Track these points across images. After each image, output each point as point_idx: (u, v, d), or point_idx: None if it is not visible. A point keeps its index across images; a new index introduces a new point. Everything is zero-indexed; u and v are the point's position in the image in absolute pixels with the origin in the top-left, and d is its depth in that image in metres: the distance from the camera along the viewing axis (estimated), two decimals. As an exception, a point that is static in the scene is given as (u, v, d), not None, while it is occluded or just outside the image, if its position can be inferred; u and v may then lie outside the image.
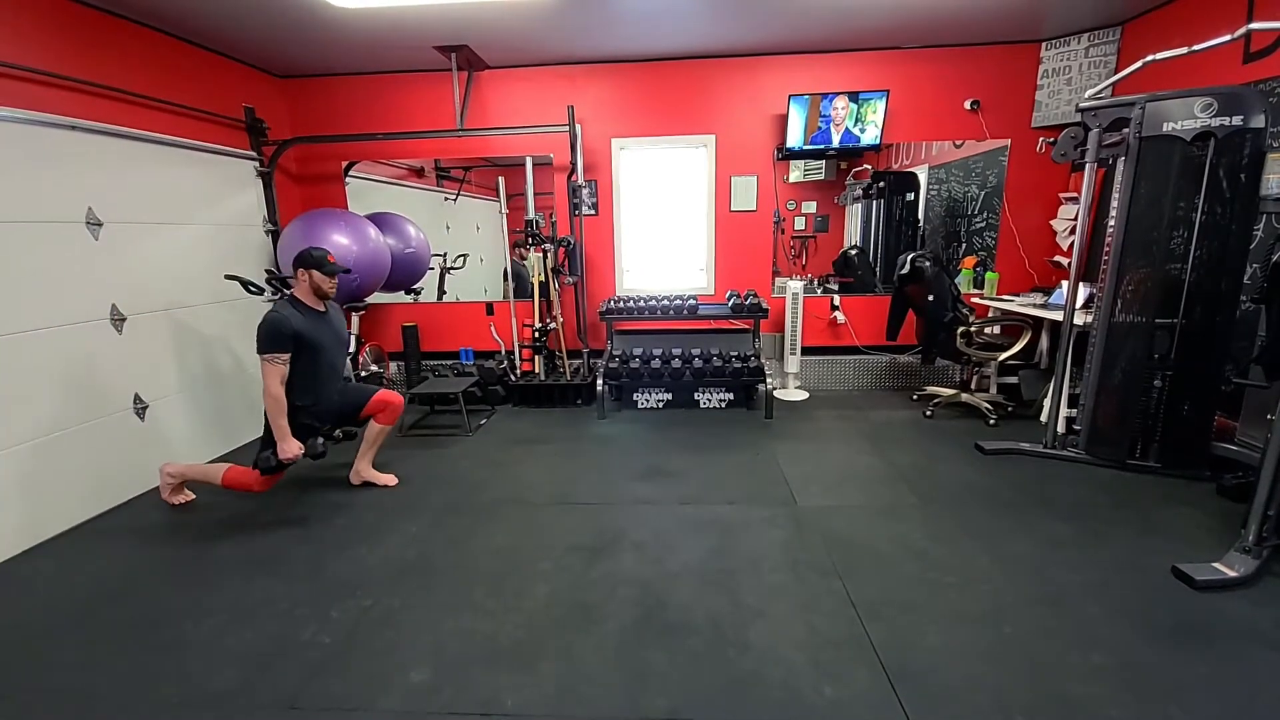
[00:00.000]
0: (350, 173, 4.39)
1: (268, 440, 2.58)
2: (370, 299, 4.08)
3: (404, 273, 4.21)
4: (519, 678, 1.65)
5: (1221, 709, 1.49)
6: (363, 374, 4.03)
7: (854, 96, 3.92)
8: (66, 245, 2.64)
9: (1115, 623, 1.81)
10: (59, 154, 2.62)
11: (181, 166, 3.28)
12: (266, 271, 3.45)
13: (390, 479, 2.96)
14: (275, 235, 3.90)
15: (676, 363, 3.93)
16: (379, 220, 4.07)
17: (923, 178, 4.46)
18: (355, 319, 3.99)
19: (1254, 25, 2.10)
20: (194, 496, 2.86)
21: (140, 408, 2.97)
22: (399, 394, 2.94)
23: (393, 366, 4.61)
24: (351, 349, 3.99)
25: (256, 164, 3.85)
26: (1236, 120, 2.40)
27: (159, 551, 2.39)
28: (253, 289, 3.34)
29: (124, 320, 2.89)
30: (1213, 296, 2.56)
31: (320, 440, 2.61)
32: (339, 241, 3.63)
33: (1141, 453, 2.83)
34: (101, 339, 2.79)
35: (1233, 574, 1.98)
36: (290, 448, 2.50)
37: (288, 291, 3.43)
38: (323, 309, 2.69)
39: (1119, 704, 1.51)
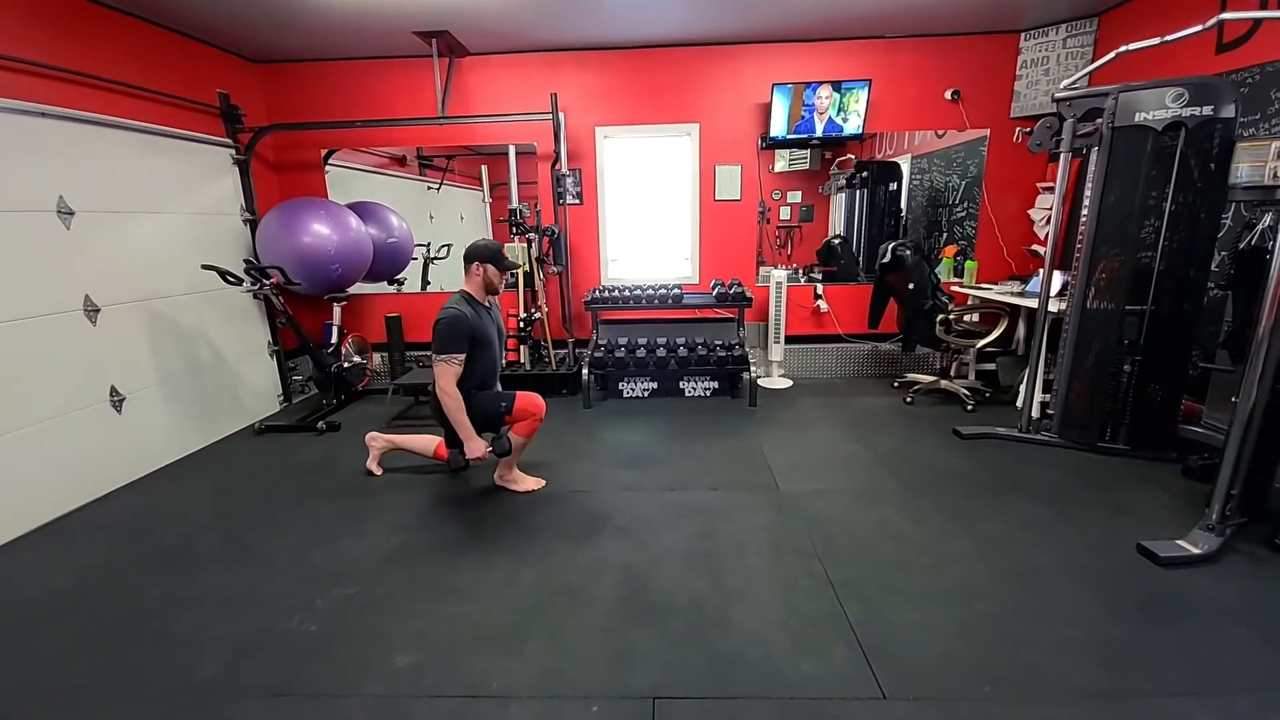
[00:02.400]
0: (330, 161, 4.33)
1: (454, 438, 2.49)
2: (352, 289, 4.03)
3: (386, 263, 4.17)
4: (505, 661, 1.67)
5: (1185, 679, 1.55)
6: (345, 365, 3.99)
7: (837, 86, 3.94)
8: (37, 235, 2.58)
9: (1084, 598, 1.88)
10: (28, 142, 2.55)
11: (155, 154, 3.21)
12: (245, 261, 3.40)
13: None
14: (253, 224, 3.83)
15: (661, 352, 3.95)
16: (360, 210, 4.03)
17: (905, 167, 4.50)
18: (337, 310, 3.95)
19: (1225, 15, 2.14)
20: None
21: (117, 400, 2.92)
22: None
23: (376, 358, 4.58)
24: (334, 340, 3.96)
25: (232, 151, 3.77)
26: (1207, 110, 2.45)
27: (140, 544, 2.37)
28: (231, 279, 3.29)
29: (98, 311, 2.84)
30: (1181, 283, 2.63)
31: (505, 437, 2.52)
32: (319, 231, 3.59)
33: (1111, 435, 2.92)
34: (75, 331, 2.74)
35: (1196, 551, 2.05)
36: (477, 447, 2.41)
37: (267, 282, 3.41)
38: (487, 304, 2.61)
39: (1086, 674, 1.57)
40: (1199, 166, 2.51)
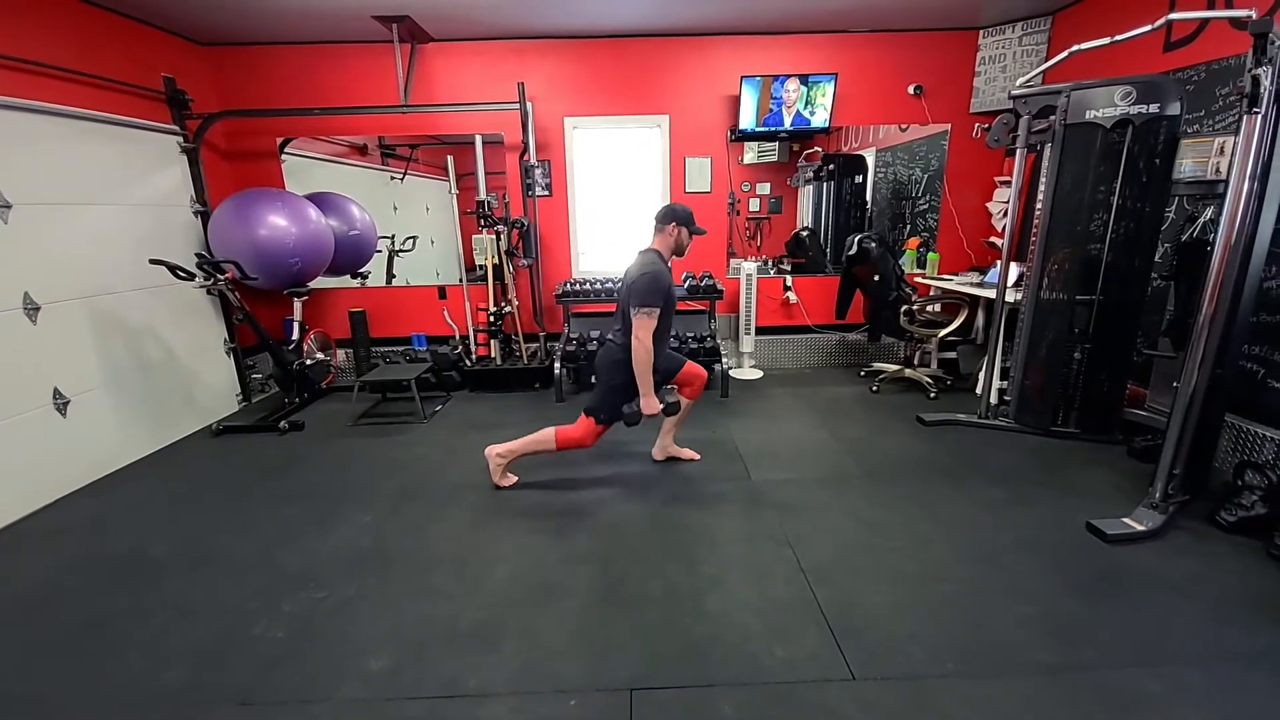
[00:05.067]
0: (286, 150, 4.16)
1: (628, 392, 2.47)
2: (314, 284, 3.91)
3: (349, 256, 4.05)
4: (481, 658, 1.66)
5: (1132, 650, 1.65)
6: (307, 362, 3.88)
7: (804, 79, 3.98)
8: (-34, 228, 2.42)
9: (1039, 576, 1.97)
10: (-49, 126, 2.39)
11: (96, 142, 3.04)
12: (197, 255, 3.25)
13: (694, 454, 2.91)
14: (205, 216, 3.67)
15: (634, 344, 3.95)
16: (319, 200, 3.90)
17: (870, 161, 4.59)
18: (298, 305, 3.82)
19: (1173, 16, 2.23)
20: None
21: (61, 403, 2.77)
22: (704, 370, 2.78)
23: (340, 354, 4.45)
24: (295, 336, 3.83)
25: (180, 139, 3.59)
26: (1153, 108, 2.57)
27: (94, 551, 2.27)
28: (182, 274, 3.15)
29: (38, 310, 2.68)
30: (1127, 274, 2.77)
31: (674, 398, 2.54)
32: (276, 223, 3.46)
33: (1063, 420, 3.06)
34: (14, 330, 2.58)
35: (1142, 528, 2.18)
36: (654, 403, 2.42)
37: (222, 277, 3.27)
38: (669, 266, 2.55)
39: (1043, 649, 1.65)
40: (1145, 162, 2.63)
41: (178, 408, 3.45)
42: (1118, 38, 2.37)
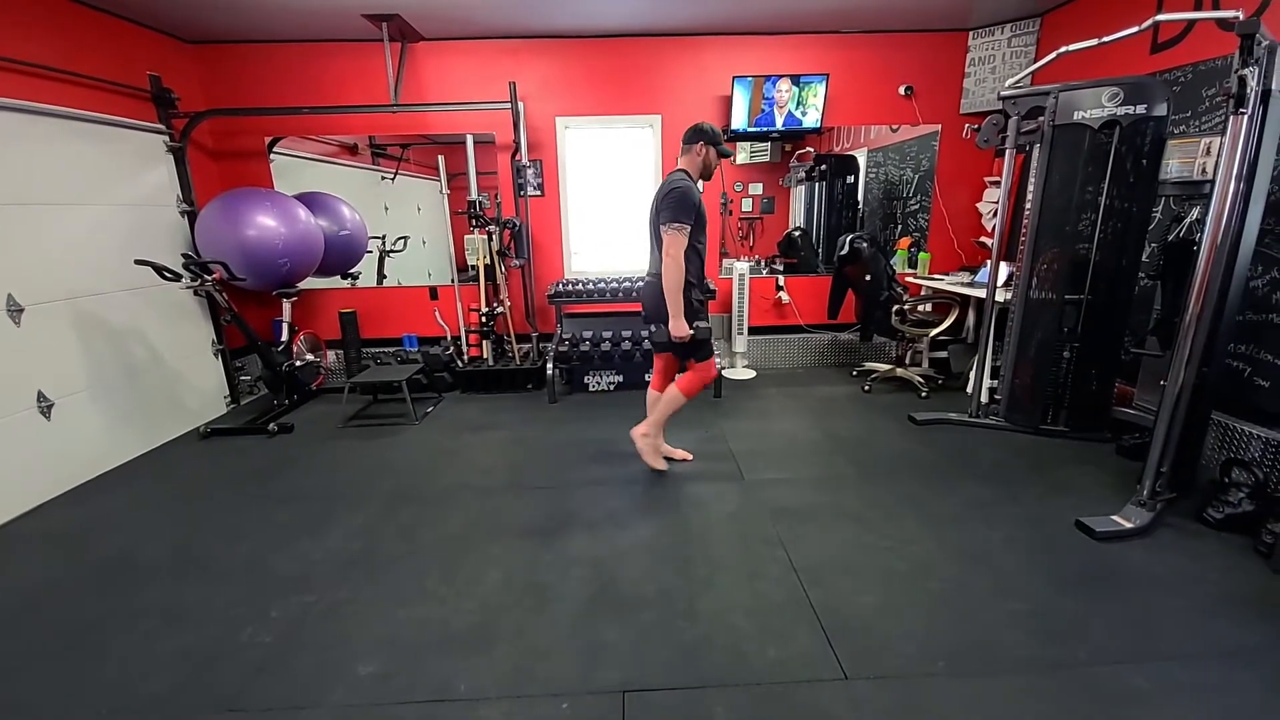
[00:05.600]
0: (275, 149, 4.12)
1: (655, 317, 2.46)
2: (303, 284, 3.87)
3: (339, 256, 4.02)
4: (473, 662, 1.65)
5: (1121, 647, 1.66)
6: (297, 363, 3.84)
7: (796, 79, 3.98)
8: (-55, 228, 2.38)
9: (1029, 574, 1.98)
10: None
11: (81, 141, 2.99)
12: (184, 256, 3.21)
13: (686, 454, 2.92)
14: (192, 216, 3.62)
15: (626, 345, 3.95)
16: (309, 200, 3.86)
17: (862, 161, 4.61)
18: (287, 306, 3.79)
19: (1160, 17, 2.25)
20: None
21: (45, 406, 2.73)
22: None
23: (330, 355, 4.42)
24: (284, 337, 3.80)
25: (166, 138, 3.55)
26: (1140, 109, 2.59)
27: (79, 556, 2.23)
28: (168, 275, 3.11)
29: (21, 311, 2.64)
30: (1115, 274, 2.79)
31: (707, 323, 2.48)
32: (264, 223, 3.42)
33: (1052, 418, 3.08)
34: (-5, 332, 2.55)
35: (1130, 525, 2.20)
36: (682, 327, 2.37)
37: (209, 278, 3.24)
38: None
39: (1031, 646, 1.66)
40: (1132, 162, 2.66)
41: (165, 410, 3.41)
42: (1105, 39, 2.39)
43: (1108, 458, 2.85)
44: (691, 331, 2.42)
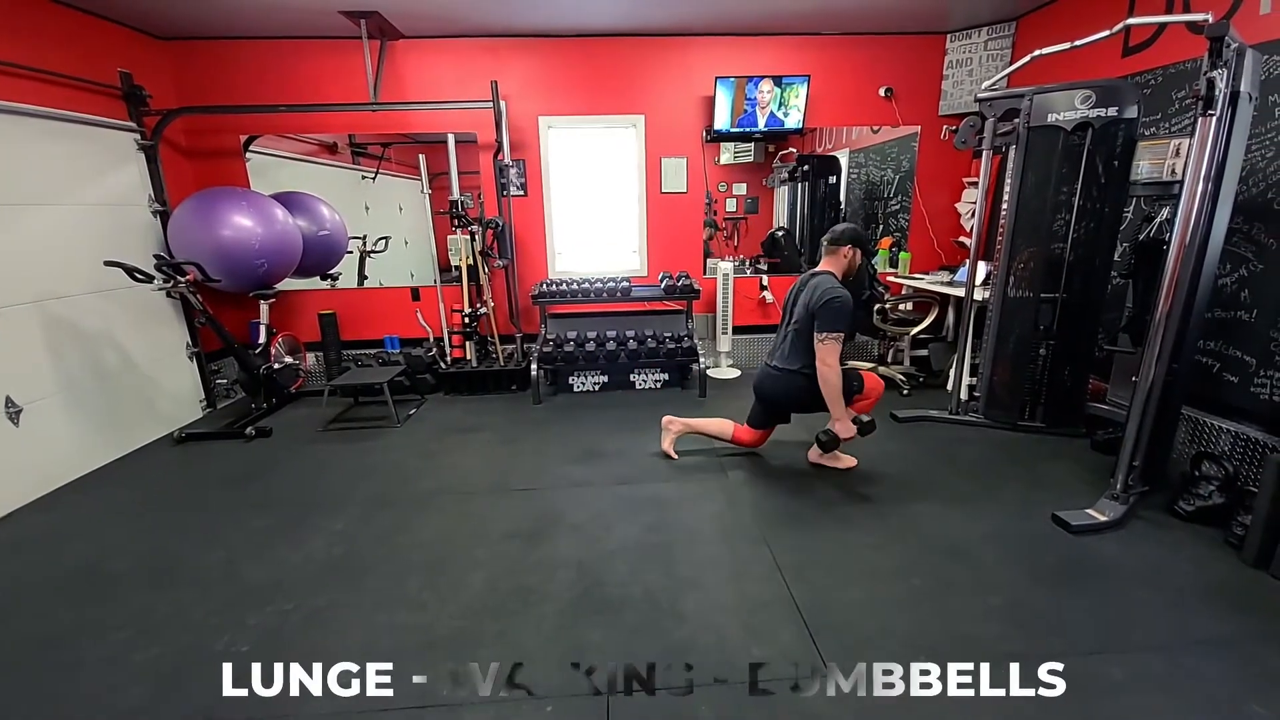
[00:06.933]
0: (251, 148, 4.04)
1: (806, 405, 2.61)
2: (281, 285, 3.80)
3: (318, 257, 3.96)
4: (455, 667, 1.63)
5: (1097, 638, 1.69)
6: (275, 366, 3.77)
7: (778, 80, 4.01)
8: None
9: (1008, 568, 2.02)
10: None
11: (48, 139, 2.91)
12: (156, 257, 3.13)
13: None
14: (164, 216, 3.54)
15: (611, 345, 3.94)
16: (287, 200, 3.79)
17: (844, 161, 4.65)
18: (264, 308, 3.72)
19: (1131, 21, 2.29)
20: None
21: (13, 412, 2.65)
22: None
23: (310, 357, 4.34)
24: (262, 339, 3.73)
25: (137, 136, 3.46)
26: (1112, 111, 2.64)
27: (49, 566, 2.17)
28: (139, 276, 3.04)
29: (-17, 314, 2.56)
30: (1089, 273, 2.85)
31: (867, 417, 2.57)
32: (240, 223, 3.36)
33: (1030, 414, 3.14)
34: (-44, 335, 2.46)
35: (1104, 519, 2.24)
36: (850, 429, 2.49)
37: (182, 279, 3.16)
38: None
39: (1010, 639, 1.69)
40: (1104, 164, 2.71)
41: (138, 415, 3.32)
42: (1078, 43, 2.44)
43: (1083, 452, 2.91)
44: (857, 429, 2.52)
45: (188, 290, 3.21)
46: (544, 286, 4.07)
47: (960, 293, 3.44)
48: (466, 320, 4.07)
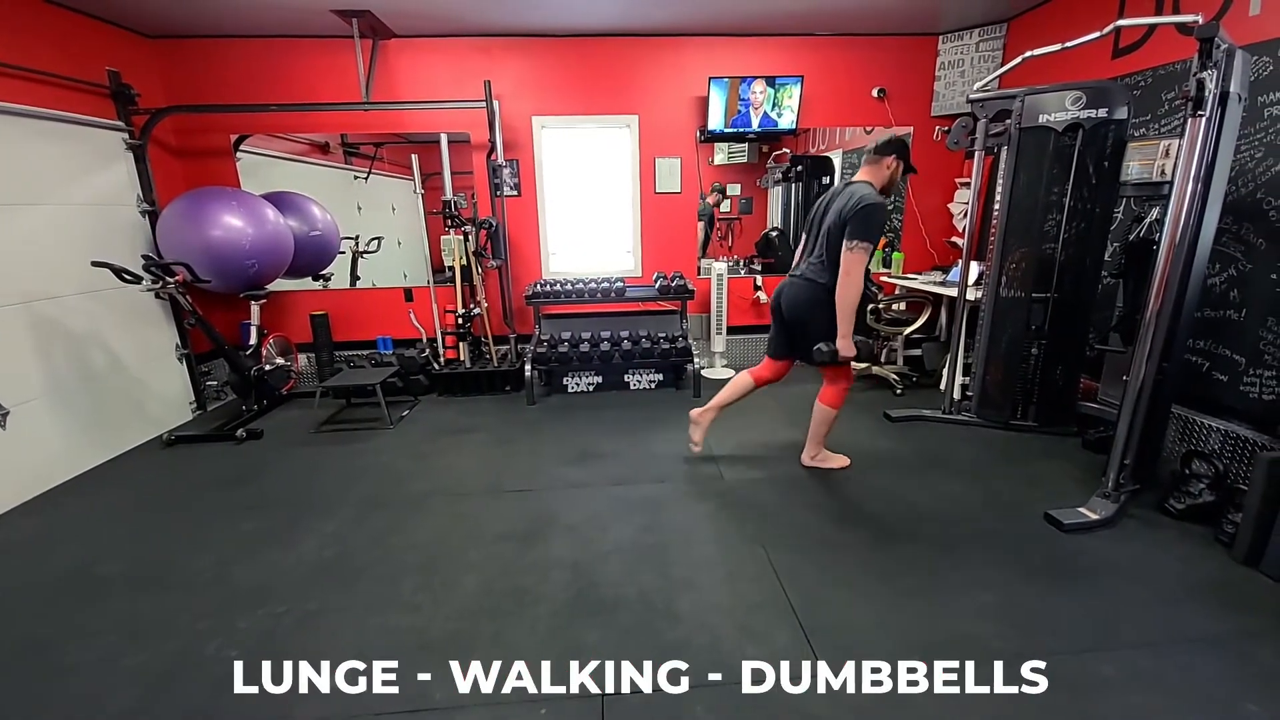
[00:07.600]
0: (241, 147, 4.01)
1: (823, 333, 2.37)
2: (272, 286, 3.77)
3: (310, 257, 3.92)
4: (449, 669, 1.61)
5: (1088, 636, 1.70)
6: (266, 367, 3.74)
7: (771, 81, 4.01)
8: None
9: (1000, 566, 2.02)
10: None
11: (35, 139, 2.87)
12: (144, 257, 3.10)
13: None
14: (153, 216, 3.50)
15: (605, 345, 3.93)
16: (278, 200, 3.76)
17: (837, 162, 4.65)
18: (255, 309, 3.69)
19: (1121, 22, 2.31)
20: (848, 461, 2.78)
21: (1, 414, 2.61)
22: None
23: (302, 359, 4.31)
24: (253, 341, 3.70)
25: (126, 135, 3.42)
26: (1102, 112, 2.66)
27: (36, 570, 2.14)
28: (127, 277, 3.01)
29: (-32, 315, 2.53)
30: (1080, 273, 2.86)
31: (865, 340, 2.42)
32: (230, 223, 3.32)
33: (1022, 413, 3.15)
34: (-60, 337, 2.43)
35: (1096, 517, 2.26)
36: (851, 346, 2.32)
37: (171, 280, 3.13)
38: None
39: (1002, 637, 1.69)
40: (1094, 164, 2.73)
41: (126, 417, 3.29)
42: (1068, 44, 2.45)
43: (1074, 451, 2.92)
44: (857, 350, 2.38)
45: (177, 291, 3.18)
46: (538, 287, 4.06)
47: (953, 293, 3.45)
48: (460, 321, 4.05)
